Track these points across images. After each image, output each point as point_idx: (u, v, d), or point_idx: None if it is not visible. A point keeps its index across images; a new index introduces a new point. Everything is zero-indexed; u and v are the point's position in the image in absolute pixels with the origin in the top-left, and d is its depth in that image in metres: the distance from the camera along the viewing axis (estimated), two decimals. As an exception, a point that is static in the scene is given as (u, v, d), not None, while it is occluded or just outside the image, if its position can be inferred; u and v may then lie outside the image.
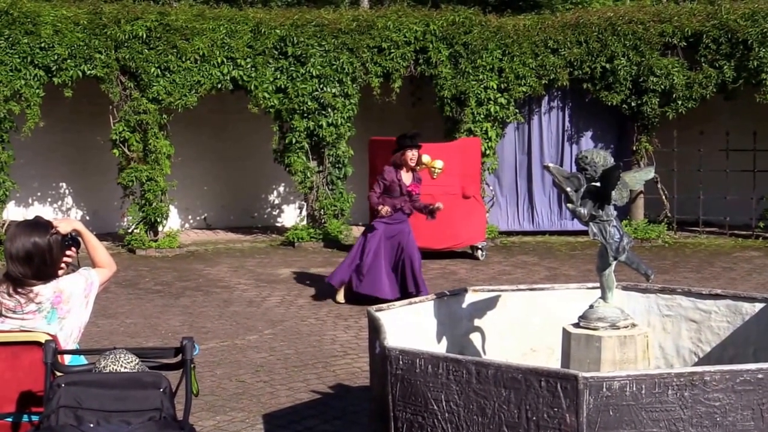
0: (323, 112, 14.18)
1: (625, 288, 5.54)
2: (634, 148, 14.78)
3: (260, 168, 15.90)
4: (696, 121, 14.64)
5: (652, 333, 4.94)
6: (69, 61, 13.15)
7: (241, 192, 16.14)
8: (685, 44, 14.49)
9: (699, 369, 3.85)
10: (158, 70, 13.53)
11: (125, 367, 3.49)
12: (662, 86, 14.35)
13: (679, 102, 14.41)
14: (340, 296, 9.85)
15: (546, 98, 14.97)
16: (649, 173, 5.12)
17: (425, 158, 12.23)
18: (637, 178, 5.06)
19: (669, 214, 14.86)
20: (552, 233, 15.02)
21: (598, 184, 4.73)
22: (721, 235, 14.49)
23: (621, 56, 14.45)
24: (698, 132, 14.53)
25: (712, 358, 5.24)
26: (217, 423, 6.03)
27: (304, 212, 14.88)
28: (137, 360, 3.54)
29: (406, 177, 9.65)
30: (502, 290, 5.64)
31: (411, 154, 9.56)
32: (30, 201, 15.14)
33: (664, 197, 14.86)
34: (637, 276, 5.02)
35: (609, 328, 4.67)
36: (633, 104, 14.55)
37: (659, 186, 14.71)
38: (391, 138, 12.22)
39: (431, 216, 9.72)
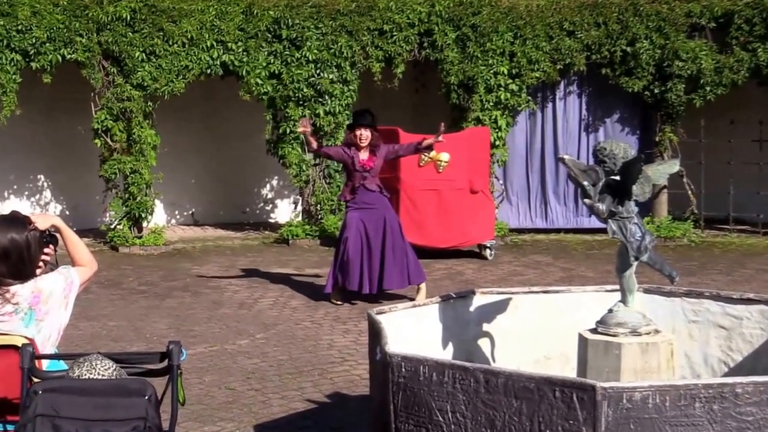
0: (320, 99, 14.17)
1: (647, 291, 5.52)
2: (658, 139, 14.75)
3: (252, 160, 15.89)
4: (726, 109, 14.59)
5: (677, 340, 4.93)
6: (48, 44, 13.14)
7: (232, 185, 16.14)
8: (714, 25, 14.45)
9: (729, 380, 3.82)
10: (143, 54, 13.52)
11: (102, 375, 3.47)
12: (689, 71, 14.32)
13: (708, 88, 14.38)
14: (338, 297, 9.85)
15: (561, 85, 14.95)
16: (674, 166, 5.11)
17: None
18: (661, 171, 5.05)
19: (696, 211, 14.83)
20: (567, 231, 15.01)
21: (617, 177, 4.72)
22: (754, 233, 14.47)
23: (643, 39, 14.42)
24: (728, 121, 14.49)
25: (744, 368, 5.21)
26: (206, 434, 6.03)
27: (300, 207, 14.87)
28: (115, 366, 3.53)
29: (362, 154, 9.71)
30: (512, 293, 5.63)
31: (359, 133, 9.62)
32: (5, 195, 15.15)
33: (690, 192, 14.84)
34: (660, 278, 5.01)
35: (629, 335, 4.66)
36: (656, 91, 14.52)
37: (685, 180, 14.69)
38: (394, 127, 12.27)
39: (428, 150, 9.95)
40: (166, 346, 3.75)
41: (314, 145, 9.70)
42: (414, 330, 5.17)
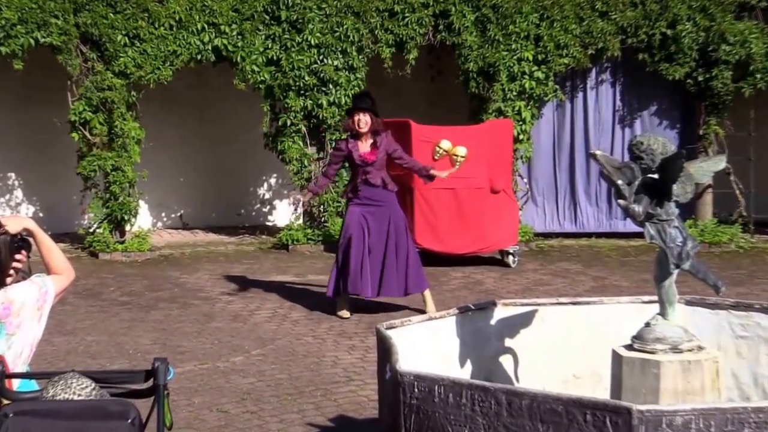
0: (323, 88, 14.17)
1: (689, 303, 5.51)
2: (701, 133, 14.73)
3: (248, 156, 15.90)
4: (779, 98, 14.60)
5: (723, 357, 4.91)
6: (19, 27, 13.16)
7: (225, 184, 16.15)
8: (765, 4, 14.41)
9: (781, 402, 3.81)
10: (126, 38, 13.54)
11: (78, 395, 3.46)
12: (737, 56, 14.30)
13: (758, 76, 14.35)
14: (344, 310, 9.85)
15: (593, 72, 14.93)
16: (720, 163, 5.10)
17: (445, 144, 12.28)
18: (705, 168, 5.04)
19: (744, 213, 14.80)
20: (599, 235, 14.98)
21: (656, 176, 4.71)
22: (809, 238, 14.45)
23: (685, 20, 14.40)
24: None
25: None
26: (196, 462, 6.04)
27: (300, 209, 14.88)
28: (93, 386, 3.52)
29: (363, 145, 9.70)
30: (538, 304, 5.63)
31: (357, 118, 9.64)
32: (-28, 194, 15.20)
33: (738, 192, 14.80)
34: (704, 288, 5.00)
35: (669, 351, 4.65)
36: (700, 79, 14.50)
37: (732, 178, 14.65)
38: (406, 120, 12.27)
39: (429, 179, 10.05)
40: (151, 363, 3.74)
41: (314, 193, 10.19)
42: (428, 346, 5.17)
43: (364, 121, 9.62)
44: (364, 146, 9.67)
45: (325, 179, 10.20)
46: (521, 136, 14.47)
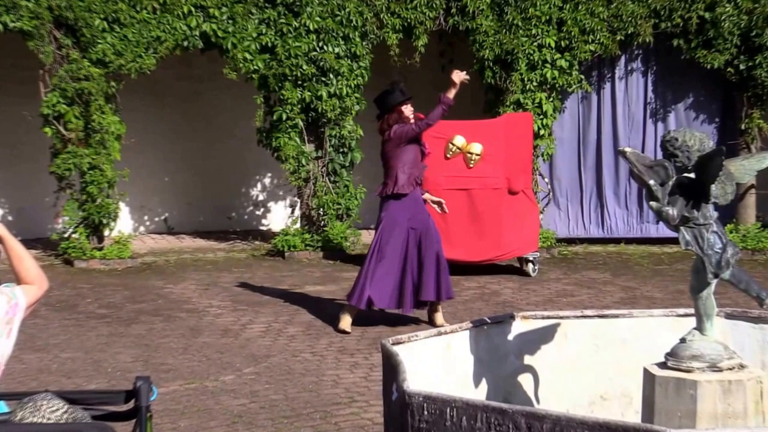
0: (323, 78, 14.18)
1: (729, 316, 5.50)
2: (743, 127, 14.73)
3: (240, 153, 15.91)
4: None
5: None
6: (-14, 10, 13.19)
7: (214, 185, 16.16)
8: (816, -17, 14.41)
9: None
10: (104, 22, 13.55)
11: (48, 419, 3.45)
12: (783, 42, 14.32)
13: (807, 64, 14.38)
14: (345, 322, 9.84)
15: (622, 60, 14.93)
16: (763, 161, 5.08)
17: (458, 141, 12.30)
18: (747, 167, 5.02)
19: (790, 217, 14.81)
20: (629, 241, 14.98)
21: (692, 175, 4.70)
22: None
23: (726, 2, 14.39)
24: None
25: None
26: (181, 492, 6.04)
27: (298, 212, 14.88)
28: (66, 408, 3.51)
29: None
30: (561, 317, 5.62)
31: (408, 110, 9.74)
32: (-66, 196, 15.23)
33: (783, 194, 14.82)
34: (746, 299, 4.99)
35: (707, 370, 4.64)
36: (742, 67, 14.50)
37: (776, 178, 14.66)
38: (417, 114, 12.25)
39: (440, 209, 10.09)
40: (133, 383, 3.74)
41: (450, 97, 9.71)
42: (439, 363, 5.16)
43: (412, 111, 9.74)
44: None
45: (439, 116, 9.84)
46: (542, 131, 14.47)
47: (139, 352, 9.18)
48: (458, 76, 9.68)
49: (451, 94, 9.70)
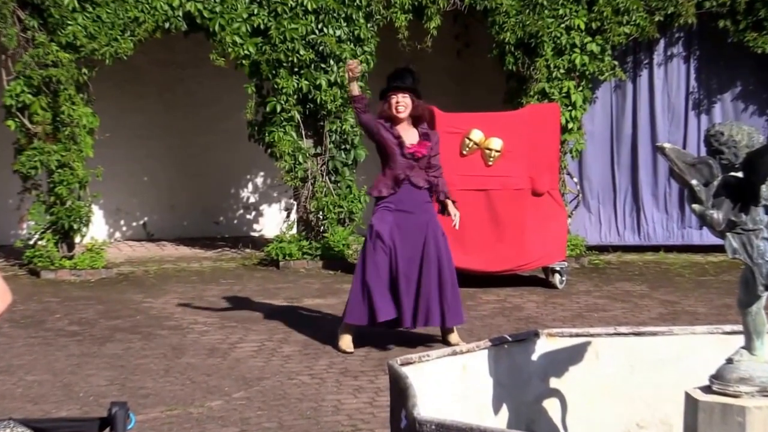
0: (323, 65, 14.18)
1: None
2: (797, 120, 14.74)
3: (228, 149, 15.91)
4: None
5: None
6: (-58, -13, 13.22)
7: (200, 185, 16.17)
8: None
9: None
10: (75, 1, 13.54)
11: (12, 448, 3.48)
12: None
13: None
14: (346, 341, 9.85)
15: (661, 44, 14.92)
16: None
17: (476, 135, 12.29)
18: (802, 165, 5.03)
19: None
20: (669, 249, 14.97)
21: (740, 174, 4.70)
22: None
23: (778, -23, 14.40)
24: None
25: None
26: None
27: (294, 216, 14.88)
28: (33, 436, 3.54)
29: (408, 134, 9.68)
30: (591, 335, 5.62)
31: (394, 100, 9.62)
32: None
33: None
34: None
35: (757, 395, 4.64)
36: (797, 52, 14.49)
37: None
38: (428, 106, 12.23)
39: (442, 208, 9.97)
40: (108, 409, 3.75)
41: (356, 91, 9.66)
42: (453, 387, 5.17)
43: (403, 103, 9.62)
44: (407, 136, 9.67)
45: (364, 107, 9.76)
46: (570, 125, 14.46)
47: (114, 375, 9.18)
48: (350, 65, 9.69)
49: (351, 88, 9.72)
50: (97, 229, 15.06)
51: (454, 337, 9.79)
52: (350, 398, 8.53)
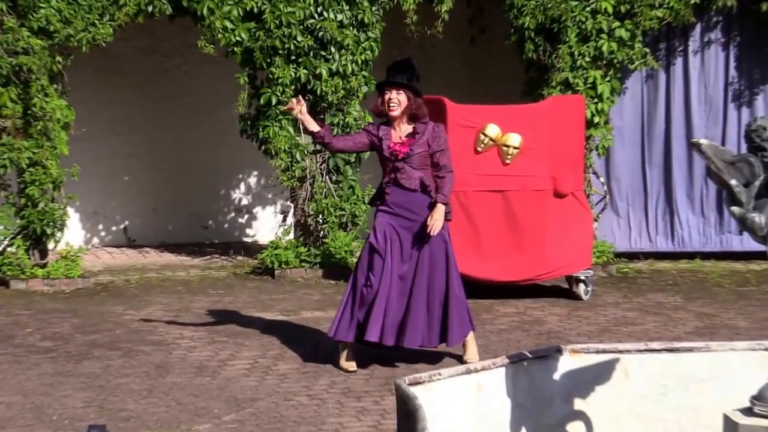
0: (323, 53, 14.20)
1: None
2: None
3: (218, 146, 15.92)
4: None
5: None
6: None
7: (186, 186, 16.18)
8: None
9: None
10: (49, -18, 13.59)
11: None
12: None
13: None
14: (350, 359, 9.85)
15: (697, 29, 14.92)
16: None
17: (492, 131, 12.28)
18: None
19: None
20: (706, 256, 14.96)
21: (784, 173, 4.71)
22: None
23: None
24: None
25: None
26: None
27: (291, 220, 14.89)
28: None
29: (400, 133, 9.68)
30: (620, 351, 5.62)
31: (387, 97, 9.62)
32: None
33: None
34: None
35: (803, 417, 4.65)
36: None
37: None
38: (438, 97, 12.26)
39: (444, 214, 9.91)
40: (85, 432, 3.77)
41: (312, 127, 9.71)
42: (467, 409, 5.17)
43: (396, 100, 9.60)
44: (397, 134, 9.68)
45: (322, 130, 9.85)
46: (597, 119, 14.46)
47: (92, 395, 9.19)
48: (290, 105, 9.75)
49: (306, 126, 9.78)
50: (72, 234, 15.08)
51: (469, 353, 9.79)
52: (353, 421, 8.54)
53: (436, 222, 9.55)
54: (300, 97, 10.01)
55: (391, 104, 9.59)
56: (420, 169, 9.63)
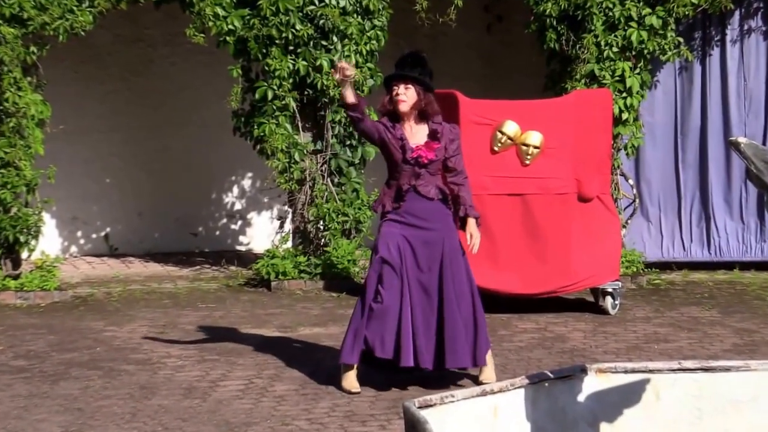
0: (324, 42, 14.21)
1: None
2: None
3: (209, 146, 15.94)
4: None
5: None
6: None
7: (174, 189, 16.20)
8: None
9: None
10: (23, -35, 13.63)
11: None
12: None
13: None
14: (350, 379, 9.86)
15: (736, 16, 14.92)
16: None
17: (510, 128, 12.29)
18: None
19: None
20: (745, 266, 14.96)
21: (830, 175, 4.72)
22: None
23: None
24: None
25: None
26: None
27: (289, 226, 14.90)
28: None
29: (415, 134, 9.65)
30: (650, 371, 5.62)
31: (396, 91, 9.59)
32: None
33: None
34: None
35: None
36: None
37: None
38: (451, 91, 12.27)
39: (461, 224, 9.83)
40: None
41: (351, 98, 9.55)
42: (482, 433, 5.19)
43: (405, 95, 9.58)
44: (414, 136, 9.63)
45: (365, 111, 9.65)
46: (625, 115, 14.47)
47: (70, 419, 9.21)
48: (341, 64, 9.59)
49: (345, 94, 9.53)
50: (48, 242, 15.10)
51: (485, 373, 9.78)
52: (357, 448, 8.57)
53: (476, 240, 9.61)
54: (348, 63, 9.80)
55: (399, 100, 9.55)
56: (436, 175, 9.63)
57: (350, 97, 9.47)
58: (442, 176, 9.69)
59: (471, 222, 9.64)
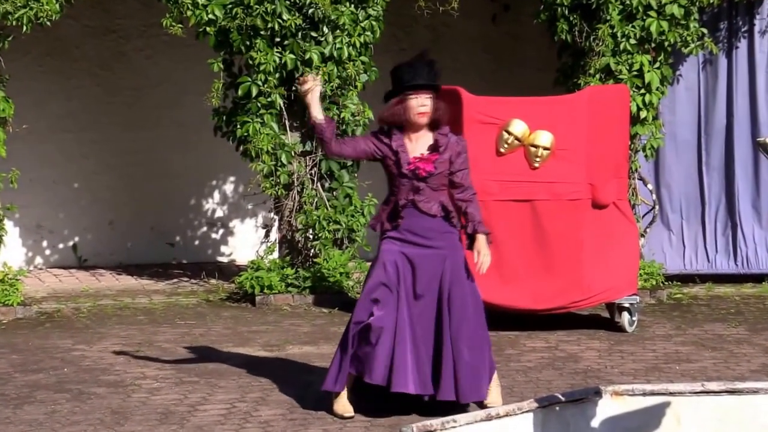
0: (314, 34, 14.23)
1: None
2: None
3: (186, 146, 15.96)
4: None
5: None
6: None
7: (149, 195, 16.21)
8: None
9: None
10: (-17, -51, 13.66)
11: None
12: None
13: None
14: (342, 403, 9.87)
15: (765, 5, 14.95)
16: None
17: (517, 128, 12.31)
18: None
19: None
20: (775, 279, 15.01)
21: None
22: None
23: None
24: None
25: None
26: None
27: (275, 235, 14.92)
28: None
29: (416, 144, 9.64)
30: (671, 393, 5.65)
31: (414, 103, 9.58)
32: None
33: None
34: None
35: None
36: None
37: None
38: (453, 87, 12.27)
39: (470, 241, 9.77)
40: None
41: (316, 114, 9.56)
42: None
43: (426, 107, 9.52)
44: (416, 147, 9.63)
45: (331, 132, 9.67)
46: (644, 113, 14.49)
47: (35, 447, 9.23)
48: (304, 79, 9.63)
49: (312, 113, 9.57)
50: (11, 252, 15.11)
51: (491, 395, 9.78)
52: (350, 478, 8.59)
53: (484, 259, 9.59)
54: (319, 74, 9.81)
55: (421, 113, 9.51)
56: (439, 190, 9.60)
57: (315, 113, 9.53)
58: (449, 192, 9.69)
59: (480, 239, 9.60)
